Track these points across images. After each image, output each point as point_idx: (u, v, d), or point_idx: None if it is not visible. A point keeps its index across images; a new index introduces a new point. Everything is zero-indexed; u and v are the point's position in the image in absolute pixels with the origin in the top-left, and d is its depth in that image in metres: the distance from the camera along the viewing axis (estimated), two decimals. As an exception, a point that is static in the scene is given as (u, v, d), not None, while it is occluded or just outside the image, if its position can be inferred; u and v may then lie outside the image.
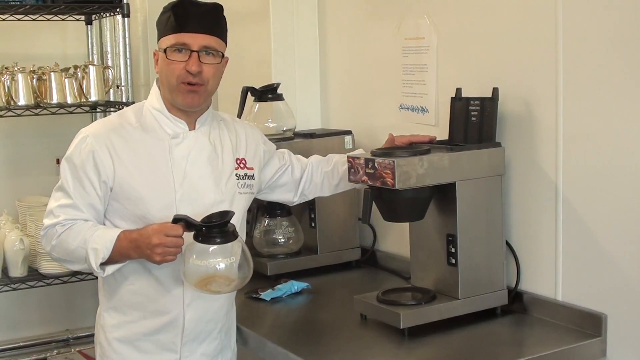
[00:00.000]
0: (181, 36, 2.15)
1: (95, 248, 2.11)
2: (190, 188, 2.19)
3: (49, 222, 2.19)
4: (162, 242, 2.05)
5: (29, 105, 3.55)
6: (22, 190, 3.89)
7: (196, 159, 2.22)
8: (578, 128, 2.26)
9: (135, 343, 2.24)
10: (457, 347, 2.25)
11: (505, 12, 2.45)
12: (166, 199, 2.16)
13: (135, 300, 2.22)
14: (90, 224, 2.16)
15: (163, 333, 2.23)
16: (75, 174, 2.17)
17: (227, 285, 2.13)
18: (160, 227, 2.06)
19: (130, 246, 2.10)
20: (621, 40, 2.12)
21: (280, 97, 2.98)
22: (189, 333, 2.24)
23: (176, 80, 2.15)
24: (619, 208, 2.18)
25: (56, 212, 2.18)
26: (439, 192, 2.34)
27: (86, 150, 2.16)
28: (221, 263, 2.08)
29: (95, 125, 2.24)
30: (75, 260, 2.18)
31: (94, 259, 2.11)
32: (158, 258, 2.07)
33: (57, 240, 2.17)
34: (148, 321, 2.22)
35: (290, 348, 2.25)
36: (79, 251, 2.14)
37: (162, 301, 2.21)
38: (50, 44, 4.06)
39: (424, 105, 2.78)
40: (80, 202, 2.17)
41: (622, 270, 2.18)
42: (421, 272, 2.49)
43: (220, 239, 2.07)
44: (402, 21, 2.84)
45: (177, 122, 2.22)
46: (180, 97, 2.17)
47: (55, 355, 3.95)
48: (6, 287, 3.54)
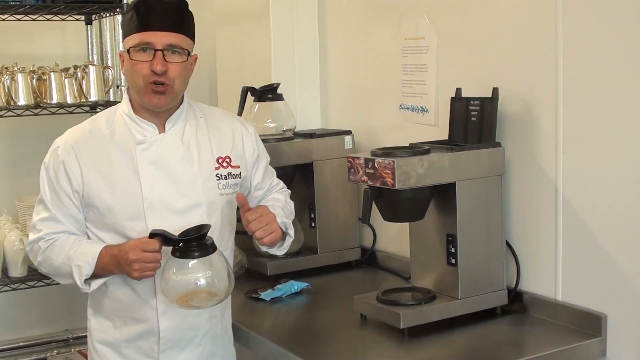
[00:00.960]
0: (144, 35, 2.08)
1: (79, 265, 2.11)
2: (160, 195, 2.14)
3: (33, 237, 2.21)
4: (139, 257, 2.02)
5: (29, 105, 3.55)
6: (22, 190, 3.89)
7: (166, 163, 2.16)
8: (578, 128, 2.26)
9: (117, 348, 2.24)
10: (457, 347, 2.25)
11: (505, 12, 2.45)
12: (134, 207, 2.13)
13: (116, 307, 2.22)
14: (73, 238, 2.16)
15: (142, 340, 2.22)
16: (51, 185, 2.18)
17: (208, 300, 2.09)
18: (137, 242, 2.04)
19: (111, 262, 2.09)
20: (621, 41, 2.12)
21: (280, 97, 2.99)
22: (166, 341, 2.21)
23: (142, 81, 2.09)
24: (619, 208, 2.18)
25: (38, 226, 2.20)
26: (439, 192, 2.34)
27: (58, 161, 2.16)
28: (201, 278, 2.03)
29: (66, 134, 2.22)
30: (61, 275, 2.19)
31: (78, 276, 2.11)
32: (136, 274, 2.05)
33: (42, 256, 2.19)
34: (127, 328, 2.22)
35: (290, 348, 2.25)
36: (63, 267, 2.15)
37: (138, 310, 2.20)
38: (50, 44, 4.05)
39: (424, 105, 2.78)
40: (59, 213, 2.17)
41: (622, 270, 2.18)
42: (421, 272, 2.49)
43: (199, 253, 2.02)
44: (402, 21, 2.84)
45: (145, 125, 2.17)
46: (147, 97, 2.11)
47: (55, 355, 3.95)
48: (6, 287, 3.54)
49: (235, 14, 3.51)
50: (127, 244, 2.07)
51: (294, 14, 3.26)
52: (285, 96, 3.00)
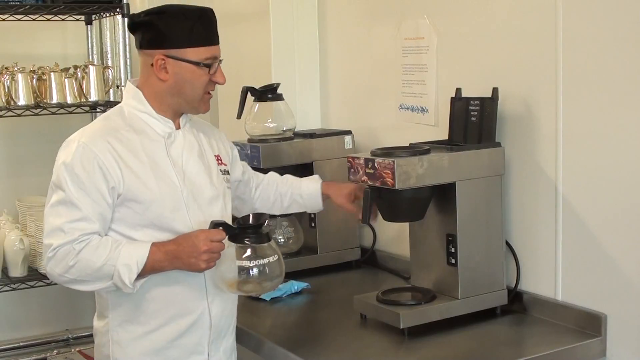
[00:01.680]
0: (214, 49, 2.17)
1: (127, 264, 2.04)
2: (191, 185, 2.17)
3: (61, 241, 2.05)
4: (209, 247, 2.04)
5: (29, 105, 3.55)
6: (22, 190, 3.89)
7: (189, 157, 2.21)
8: (578, 128, 2.26)
9: (160, 352, 2.17)
10: (457, 347, 2.25)
11: (505, 12, 2.45)
12: (175, 198, 2.14)
13: (152, 307, 2.14)
14: (111, 239, 2.09)
15: (188, 335, 2.17)
16: (80, 184, 2.06)
17: (260, 287, 2.16)
18: (205, 233, 2.06)
19: (165, 258, 2.06)
20: (621, 40, 2.13)
21: (280, 97, 2.98)
22: (215, 329, 2.21)
23: (202, 91, 2.17)
24: (619, 208, 2.18)
25: (67, 229, 2.05)
26: (438, 192, 2.34)
27: (88, 158, 2.07)
28: (255, 266, 2.10)
29: (87, 131, 2.14)
30: (98, 278, 2.06)
31: (128, 275, 2.03)
32: (204, 265, 2.05)
33: (75, 259, 2.04)
34: (170, 327, 2.16)
35: (290, 348, 2.25)
36: (105, 269, 2.04)
37: (184, 302, 2.16)
38: (50, 44, 4.06)
39: (424, 105, 2.78)
40: (91, 213, 2.06)
41: (622, 270, 2.18)
42: (421, 272, 2.49)
43: (256, 241, 2.10)
44: (402, 21, 2.84)
45: (166, 122, 2.19)
46: (203, 106, 2.20)
47: (55, 355, 3.95)
48: (6, 287, 3.54)
49: (235, 14, 3.50)
50: (192, 235, 2.07)
51: (294, 14, 3.26)
52: (285, 96, 3.00)
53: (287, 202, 2.56)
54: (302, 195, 2.55)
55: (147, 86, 2.18)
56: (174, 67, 2.13)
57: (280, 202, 2.57)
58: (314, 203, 2.56)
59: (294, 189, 2.56)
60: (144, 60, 2.17)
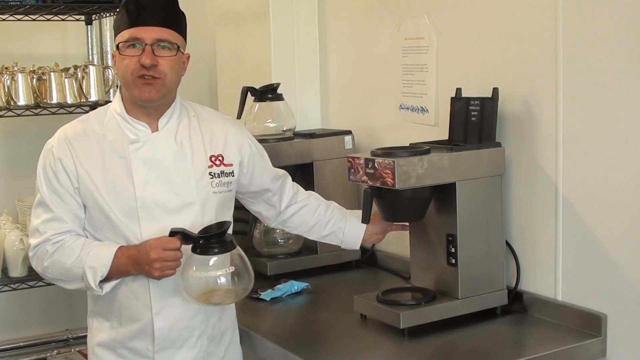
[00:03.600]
0: (134, 30, 2.09)
1: (93, 267, 2.09)
2: (153, 194, 2.14)
3: (36, 241, 2.17)
4: (160, 256, 2.04)
5: (29, 105, 3.55)
6: (22, 190, 3.89)
7: (160, 163, 2.16)
8: (578, 128, 2.26)
9: (114, 349, 2.22)
10: (457, 347, 2.25)
11: (505, 12, 2.45)
12: (127, 206, 2.13)
13: (113, 306, 2.20)
14: (82, 240, 2.14)
15: (136, 340, 2.20)
16: (50, 185, 2.15)
17: (228, 297, 2.12)
18: (158, 241, 2.06)
19: (128, 262, 2.09)
20: (621, 41, 2.13)
21: (280, 97, 2.98)
22: (162, 341, 2.19)
23: (131, 75, 2.10)
24: (619, 208, 2.18)
25: (41, 229, 2.16)
26: (439, 192, 2.34)
27: (54, 160, 2.15)
28: (221, 275, 2.06)
29: (58, 132, 2.22)
30: (71, 279, 2.15)
31: (93, 277, 2.09)
32: (157, 273, 2.06)
33: (49, 260, 2.15)
34: (123, 328, 2.20)
35: (290, 348, 2.25)
36: (74, 270, 2.12)
37: (133, 309, 2.18)
38: (50, 44, 4.05)
39: (424, 105, 2.78)
40: (62, 212, 2.15)
41: (622, 270, 2.18)
42: (421, 272, 2.49)
43: (219, 249, 2.05)
44: (402, 21, 2.84)
45: (138, 125, 2.18)
46: (137, 91, 2.12)
47: (55, 355, 3.95)
48: (6, 287, 3.54)
49: (235, 14, 3.50)
50: (147, 243, 2.07)
51: (294, 14, 3.26)
52: (285, 96, 3.00)
53: (326, 232, 2.48)
54: (344, 233, 2.46)
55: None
56: (116, 57, 2.16)
57: (318, 230, 2.48)
58: (351, 243, 2.48)
59: (338, 223, 2.47)
60: None
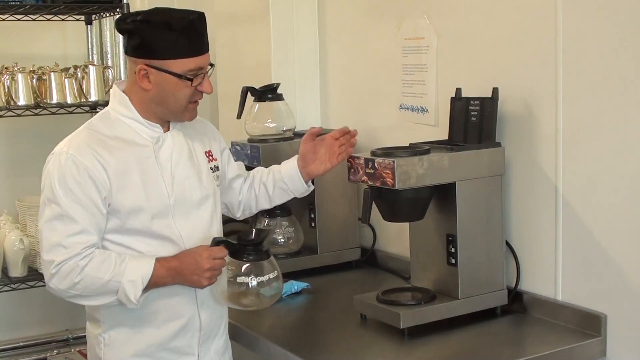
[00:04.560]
0: (200, 60, 2.09)
1: (133, 280, 2.04)
2: (180, 190, 2.16)
3: (63, 257, 2.03)
4: (212, 265, 2.06)
5: (29, 105, 3.55)
6: (22, 190, 3.89)
7: (179, 160, 2.18)
8: (578, 128, 2.26)
9: (152, 354, 2.17)
10: (457, 347, 2.25)
11: (505, 12, 2.45)
12: (162, 205, 2.12)
13: (144, 312, 2.14)
14: (113, 254, 2.07)
15: (179, 338, 2.18)
16: (73, 197, 2.04)
17: (258, 302, 2.18)
18: (208, 251, 2.08)
19: (168, 274, 2.07)
20: (621, 40, 2.13)
21: (280, 97, 2.98)
22: (205, 332, 2.22)
23: (187, 101, 2.12)
24: (619, 208, 2.18)
25: (67, 244, 2.03)
26: (439, 192, 2.34)
27: (79, 169, 2.05)
28: (254, 279, 2.13)
29: (73, 142, 2.10)
30: (104, 293, 2.06)
31: (133, 291, 2.04)
32: (206, 282, 2.08)
33: (81, 275, 2.03)
34: (161, 330, 2.17)
35: (290, 348, 2.25)
36: (110, 285, 2.04)
37: (174, 307, 2.16)
38: (50, 44, 4.06)
39: (424, 105, 2.78)
40: (89, 225, 2.05)
41: (622, 270, 2.18)
42: (421, 272, 2.49)
43: (256, 257, 2.13)
44: (402, 21, 2.84)
45: (153, 127, 2.17)
46: (188, 115, 2.16)
47: (55, 355, 3.95)
48: (6, 287, 3.54)
49: (235, 15, 3.50)
50: (194, 253, 2.08)
51: (294, 14, 3.26)
52: (285, 96, 3.00)
53: (272, 191, 2.45)
54: (283, 179, 2.42)
55: (133, 92, 2.16)
56: (156, 77, 2.08)
57: (265, 194, 2.45)
58: (297, 185, 2.42)
59: (276, 175, 2.45)
60: (130, 66, 2.15)
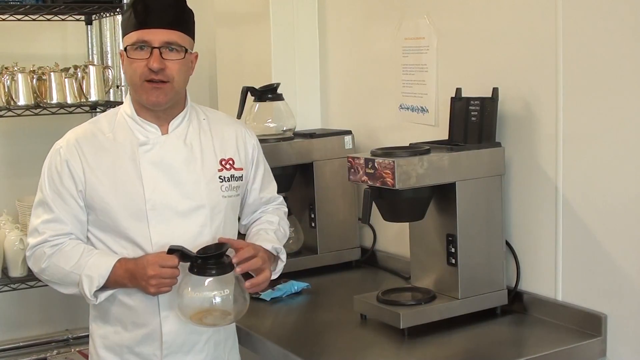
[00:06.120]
0: (142, 33, 2.06)
1: (90, 275, 2.08)
2: (162, 197, 2.13)
3: (35, 241, 2.15)
4: (157, 273, 2.02)
5: (29, 105, 3.55)
6: (22, 190, 3.89)
7: (170, 165, 2.15)
8: (578, 128, 2.26)
9: (120, 354, 2.20)
10: (457, 347, 2.25)
11: (506, 12, 2.45)
12: (136, 209, 2.11)
13: (117, 311, 2.18)
14: (82, 246, 2.13)
15: (143, 345, 2.18)
16: (54, 186, 2.14)
17: (222, 319, 2.09)
18: (156, 258, 2.04)
19: (125, 275, 2.08)
20: (621, 40, 2.13)
21: (280, 97, 2.98)
22: (169, 346, 2.18)
23: (139, 79, 2.08)
24: (619, 208, 2.18)
25: (40, 229, 2.15)
26: (438, 192, 2.34)
27: (61, 161, 2.14)
28: (217, 296, 2.04)
29: (68, 134, 2.20)
30: (67, 284, 2.14)
31: (88, 286, 2.08)
32: (153, 290, 2.05)
33: (47, 262, 2.14)
34: (128, 333, 2.19)
35: (290, 348, 2.25)
36: (71, 276, 2.11)
37: (139, 314, 2.17)
38: (50, 44, 4.06)
39: (424, 105, 2.78)
40: (63, 214, 2.13)
41: (622, 270, 2.18)
42: (421, 272, 2.49)
43: (216, 271, 2.02)
44: (402, 21, 2.84)
45: (148, 127, 2.16)
46: (145, 95, 2.10)
47: (55, 355, 3.95)
48: (6, 287, 3.54)
49: (235, 14, 3.51)
50: (145, 258, 2.06)
51: (294, 14, 3.26)
52: (285, 96, 3.00)
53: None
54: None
55: None
56: (123, 59, 2.14)
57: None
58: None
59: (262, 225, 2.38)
60: None
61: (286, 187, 2.98)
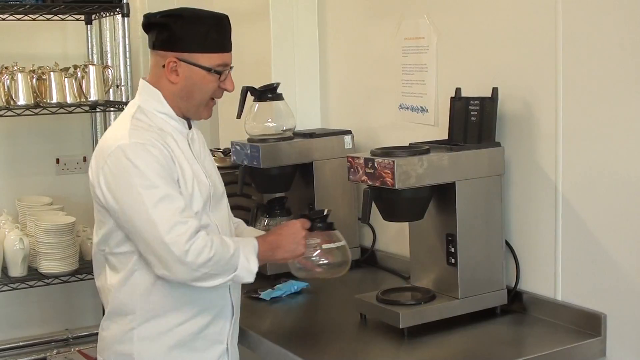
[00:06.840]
0: (223, 57, 2.18)
1: (247, 256, 2.10)
2: (212, 181, 2.25)
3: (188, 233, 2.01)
4: (306, 233, 2.21)
5: (29, 105, 3.55)
6: (22, 190, 3.90)
7: (205, 154, 2.30)
8: (578, 128, 2.26)
9: (186, 344, 2.17)
10: (457, 347, 2.25)
11: (505, 12, 2.45)
12: (205, 195, 2.18)
13: (178, 303, 2.14)
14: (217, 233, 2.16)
15: (211, 326, 2.20)
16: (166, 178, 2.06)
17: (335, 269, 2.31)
18: (300, 222, 2.22)
19: (269, 248, 2.16)
20: (621, 40, 2.13)
21: (280, 97, 2.98)
22: (236, 319, 2.28)
23: (208, 97, 2.20)
24: (619, 208, 2.18)
25: (183, 220, 2.03)
26: (438, 192, 2.34)
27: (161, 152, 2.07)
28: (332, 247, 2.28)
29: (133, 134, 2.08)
30: (224, 271, 2.08)
31: (254, 261, 2.11)
32: (304, 249, 2.20)
33: (214, 249, 2.04)
34: (196, 319, 2.17)
35: (290, 348, 2.25)
36: (233, 260, 2.08)
37: (209, 295, 2.17)
38: (50, 44, 4.06)
39: (424, 105, 2.78)
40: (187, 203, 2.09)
41: (622, 270, 2.18)
42: (421, 272, 2.49)
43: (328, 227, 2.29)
44: (402, 21, 2.84)
45: (183, 123, 2.23)
46: (206, 112, 2.23)
47: (55, 355, 3.95)
48: (6, 287, 3.54)
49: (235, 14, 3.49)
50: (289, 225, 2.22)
51: (294, 14, 3.26)
52: (285, 96, 3.00)
53: None
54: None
55: (160, 87, 2.19)
56: (185, 70, 2.15)
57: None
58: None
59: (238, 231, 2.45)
60: (156, 60, 2.19)
61: (286, 187, 2.98)
